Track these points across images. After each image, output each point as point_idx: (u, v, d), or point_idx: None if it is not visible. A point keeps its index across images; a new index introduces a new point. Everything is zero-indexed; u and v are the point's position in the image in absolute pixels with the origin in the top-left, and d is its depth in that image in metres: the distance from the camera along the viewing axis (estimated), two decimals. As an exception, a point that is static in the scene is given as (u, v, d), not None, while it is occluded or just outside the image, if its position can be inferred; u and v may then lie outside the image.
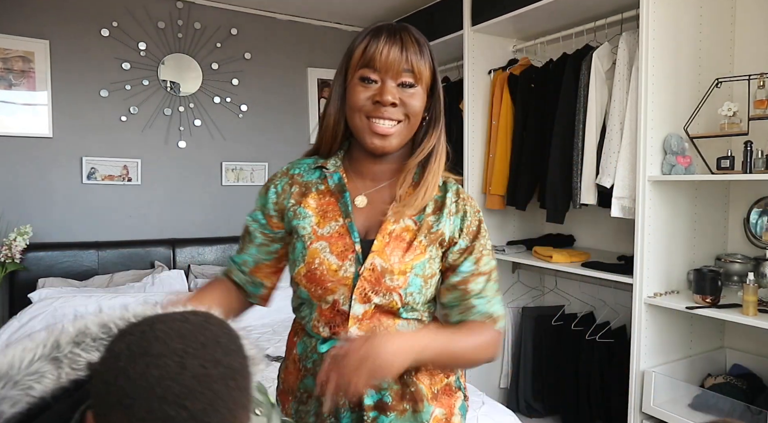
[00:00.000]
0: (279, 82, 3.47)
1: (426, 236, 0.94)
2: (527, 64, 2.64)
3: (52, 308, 2.37)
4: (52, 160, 2.88)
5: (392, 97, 0.89)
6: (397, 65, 0.89)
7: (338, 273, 0.91)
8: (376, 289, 0.91)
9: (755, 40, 2.06)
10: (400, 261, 0.91)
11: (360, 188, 0.99)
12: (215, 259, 3.22)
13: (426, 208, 0.97)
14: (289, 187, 1.01)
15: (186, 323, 0.51)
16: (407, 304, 0.92)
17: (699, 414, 1.85)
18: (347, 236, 0.93)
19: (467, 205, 0.99)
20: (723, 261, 2.06)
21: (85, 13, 2.91)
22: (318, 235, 0.94)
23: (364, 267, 0.91)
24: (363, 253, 0.92)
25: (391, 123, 0.91)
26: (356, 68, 0.92)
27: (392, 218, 0.94)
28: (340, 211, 0.95)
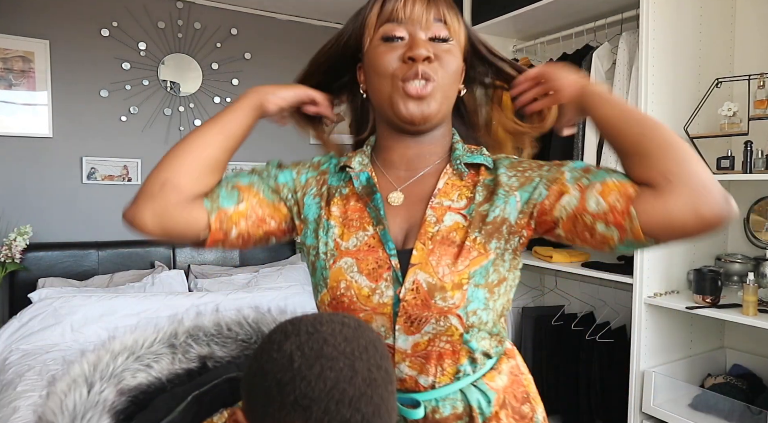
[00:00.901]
0: (279, 82, 3.44)
1: (481, 230, 0.73)
2: (527, 64, 2.63)
3: (52, 308, 2.38)
4: (52, 160, 2.88)
5: (426, 50, 0.73)
6: (427, 14, 0.75)
7: (372, 299, 0.71)
8: (425, 316, 0.70)
9: (755, 40, 2.06)
10: (452, 271, 0.70)
11: (394, 183, 0.81)
12: (215, 259, 3.22)
13: (476, 195, 0.77)
14: (316, 183, 0.83)
15: (345, 326, 0.53)
16: (472, 327, 0.71)
17: (699, 414, 1.85)
18: (380, 248, 0.73)
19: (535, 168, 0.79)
20: (723, 261, 2.06)
21: (85, 13, 2.91)
22: (342, 249, 0.75)
23: (405, 288, 0.70)
24: (402, 268, 0.72)
25: (428, 82, 0.74)
26: (375, 28, 0.78)
27: (433, 216, 0.75)
28: (369, 217, 0.76)
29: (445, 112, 0.79)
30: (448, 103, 0.79)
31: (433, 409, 0.73)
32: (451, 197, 0.77)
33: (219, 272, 3.07)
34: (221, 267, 3.18)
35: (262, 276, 3.01)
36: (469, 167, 0.80)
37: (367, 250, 0.74)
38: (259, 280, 2.95)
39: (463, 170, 0.79)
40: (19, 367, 2.08)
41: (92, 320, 2.38)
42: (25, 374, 2.00)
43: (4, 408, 1.80)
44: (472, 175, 0.80)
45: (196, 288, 2.89)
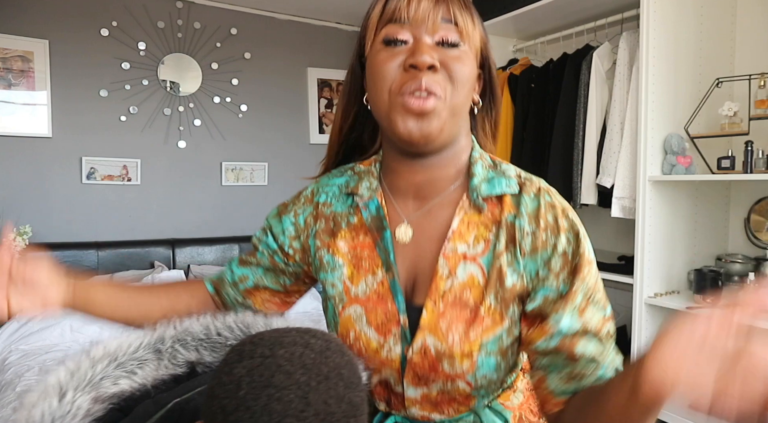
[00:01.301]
0: (279, 81, 3.47)
1: (497, 296, 0.66)
2: (527, 63, 2.63)
3: (52, 308, 2.37)
4: (52, 160, 2.87)
5: (430, 57, 0.62)
6: (434, 14, 0.64)
7: (380, 352, 0.68)
8: (431, 376, 0.67)
9: (756, 40, 2.06)
10: (463, 339, 0.65)
11: (401, 213, 0.72)
12: (215, 259, 3.22)
13: (496, 241, 0.67)
14: (313, 220, 0.77)
15: (308, 349, 0.48)
16: (481, 386, 0.68)
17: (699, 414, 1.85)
18: (389, 299, 0.68)
19: (555, 233, 0.65)
20: (723, 261, 2.05)
21: (85, 13, 2.91)
22: (351, 296, 0.71)
23: (413, 349, 0.66)
24: (411, 325, 0.67)
25: (430, 96, 0.62)
26: (377, 29, 0.66)
27: (446, 267, 0.67)
28: (379, 259, 0.70)
29: (453, 131, 0.67)
30: (458, 120, 0.67)
31: None
32: (466, 240, 0.68)
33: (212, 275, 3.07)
34: (221, 267, 3.17)
35: (262, 276, 3.01)
36: (488, 200, 0.69)
37: (377, 299, 0.69)
38: (258, 280, 2.94)
39: (481, 205, 0.68)
40: (18, 368, 2.08)
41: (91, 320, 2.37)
42: (24, 375, 2.00)
43: (4, 408, 1.80)
44: (493, 207, 0.69)
45: (196, 288, 2.89)
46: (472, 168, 0.70)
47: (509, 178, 0.69)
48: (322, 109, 3.59)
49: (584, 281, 0.64)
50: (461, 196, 0.70)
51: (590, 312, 0.63)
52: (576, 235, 0.65)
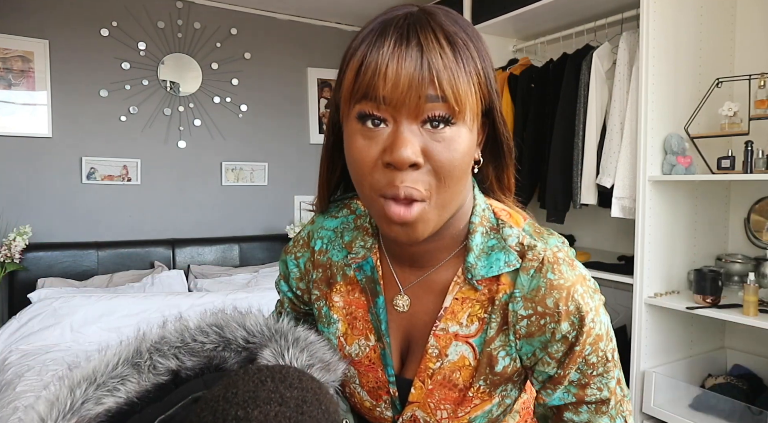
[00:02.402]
0: (279, 82, 3.46)
1: (487, 379, 0.64)
2: (527, 63, 2.63)
3: (52, 308, 2.37)
4: (52, 160, 2.87)
5: (412, 153, 0.53)
6: (417, 90, 0.52)
7: (373, 412, 0.71)
8: None
9: (756, 40, 2.06)
10: (451, 416, 0.65)
11: (398, 281, 0.68)
12: (215, 259, 3.22)
13: (490, 322, 0.63)
14: (311, 266, 0.74)
15: (283, 407, 0.46)
16: None
17: (699, 414, 1.85)
18: (380, 368, 0.68)
19: (554, 318, 0.60)
20: (723, 261, 2.06)
21: (85, 13, 2.91)
22: (345, 354, 0.70)
23: (403, 419, 0.68)
24: (401, 395, 0.68)
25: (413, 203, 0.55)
26: (351, 100, 0.55)
27: (436, 348, 0.65)
28: (371, 325, 0.68)
29: (442, 220, 0.59)
30: (454, 205, 0.59)
31: None
32: (459, 319, 0.64)
33: (219, 272, 3.07)
34: (221, 267, 3.17)
35: (262, 276, 3.01)
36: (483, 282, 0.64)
37: (368, 364, 0.69)
38: (259, 280, 2.94)
39: (476, 287, 0.64)
40: (18, 368, 2.07)
41: (92, 320, 2.38)
42: (24, 374, 2.00)
43: (4, 408, 1.80)
44: (489, 283, 0.64)
45: (196, 288, 2.89)
46: (470, 239, 0.64)
47: (509, 251, 0.63)
48: (322, 109, 3.59)
49: (583, 362, 0.62)
50: (458, 269, 0.65)
51: (591, 388, 0.63)
52: (581, 320, 0.60)
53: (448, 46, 0.53)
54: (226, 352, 0.62)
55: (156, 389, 0.59)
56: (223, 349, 0.63)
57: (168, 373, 0.61)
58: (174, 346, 0.62)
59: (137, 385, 0.59)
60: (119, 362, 0.59)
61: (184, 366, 0.62)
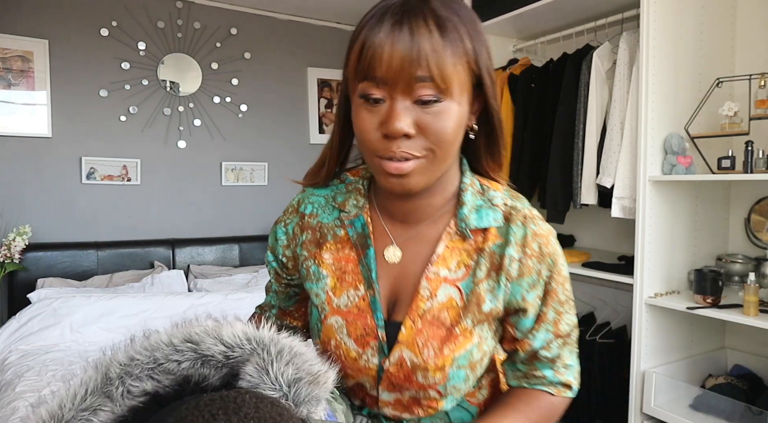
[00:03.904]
0: (279, 82, 3.46)
1: (473, 318, 0.71)
2: (527, 63, 2.63)
3: (52, 308, 2.37)
4: (52, 160, 2.87)
5: (405, 125, 0.61)
6: (408, 72, 0.60)
7: (358, 362, 0.73)
8: (406, 386, 0.72)
9: (756, 40, 2.05)
10: (437, 355, 0.70)
11: (390, 234, 0.75)
12: (215, 259, 3.21)
13: (477, 267, 0.72)
14: (300, 231, 0.79)
15: None
16: (449, 394, 0.73)
17: (700, 414, 1.85)
18: (368, 315, 0.72)
19: (540, 260, 0.72)
20: (724, 261, 2.05)
21: (85, 13, 2.91)
22: (334, 307, 0.74)
23: (390, 361, 0.71)
24: (389, 339, 0.72)
25: (408, 160, 0.64)
26: (355, 80, 0.65)
27: (427, 289, 0.71)
28: (361, 276, 0.74)
29: (438, 175, 0.68)
30: (446, 164, 0.68)
31: None
32: (449, 265, 0.72)
33: (219, 272, 3.07)
34: (221, 267, 3.17)
35: (262, 276, 3.01)
36: (475, 231, 0.73)
37: (357, 313, 0.73)
38: (258, 280, 2.94)
39: (467, 235, 0.72)
40: (18, 368, 2.07)
41: (92, 320, 2.38)
42: (24, 375, 2.00)
43: (4, 408, 1.79)
44: (477, 236, 0.73)
45: (196, 288, 2.89)
46: (462, 195, 0.73)
47: (496, 209, 0.73)
48: (322, 109, 3.59)
49: (559, 299, 0.74)
50: (448, 222, 0.73)
51: (562, 323, 0.75)
52: (554, 262, 0.73)
53: (437, 31, 0.60)
54: (205, 369, 0.58)
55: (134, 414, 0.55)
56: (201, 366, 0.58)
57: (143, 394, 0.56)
58: (146, 367, 0.57)
59: (111, 413, 0.54)
60: (88, 393, 0.54)
61: (161, 384, 0.57)
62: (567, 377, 0.78)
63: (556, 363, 0.77)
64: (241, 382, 0.54)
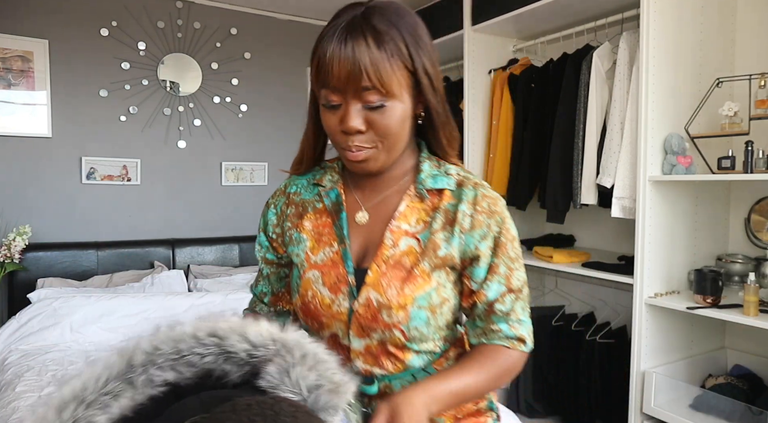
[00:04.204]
0: (279, 82, 3.46)
1: (430, 261, 0.82)
2: (527, 63, 2.63)
3: (52, 308, 2.37)
4: (52, 160, 2.87)
5: (356, 123, 0.76)
6: (354, 82, 0.73)
7: (331, 308, 0.83)
8: (373, 326, 0.81)
9: (756, 40, 2.05)
10: (399, 294, 0.80)
11: (360, 202, 0.88)
12: (215, 259, 3.21)
13: (433, 221, 0.84)
14: (286, 207, 0.93)
15: None
16: (414, 338, 0.82)
17: (700, 414, 1.85)
18: (341, 265, 0.84)
19: (489, 216, 0.84)
20: (724, 261, 2.05)
21: (85, 13, 2.91)
22: (311, 263, 0.86)
23: (358, 302, 0.81)
24: (358, 284, 0.82)
25: (362, 150, 0.79)
26: (317, 88, 0.80)
27: (391, 239, 0.84)
28: (335, 235, 0.86)
29: (394, 156, 0.83)
30: (397, 149, 0.82)
31: (386, 386, 0.85)
32: (409, 221, 0.85)
33: (219, 272, 3.07)
34: (221, 267, 3.17)
35: (262, 276, 3.01)
36: (431, 192, 0.86)
37: (331, 265, 0.84)
38: (258, 281, 2.94)
39: (424, 195, 0.86)
40: (18, 368, 2.07)
41: (92, 320, 2.38)
42: (24, 375, 2.00)
43: (3, 408, 1.79)
44: (433, 197, 0.86)
45: (196, 288, 2.89)
46: (420, 165, 0.88)
47: (449, 176, 0.87)
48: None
49: (508, 255, 0.86)
50: (408, 187, 0.87)
51: (513, 278, 0.86)
52: (503, 220, 0.86)
53: (375, 45, 0.73)
54: (227, 365, 0.58)
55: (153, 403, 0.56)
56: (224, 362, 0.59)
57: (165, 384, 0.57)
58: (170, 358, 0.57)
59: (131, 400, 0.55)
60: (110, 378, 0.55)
61: (183, 376, 0.58)
62: (521, 332, 0.86)
63: (510, 317, 0.86)
64: (260, 382, 0.54)
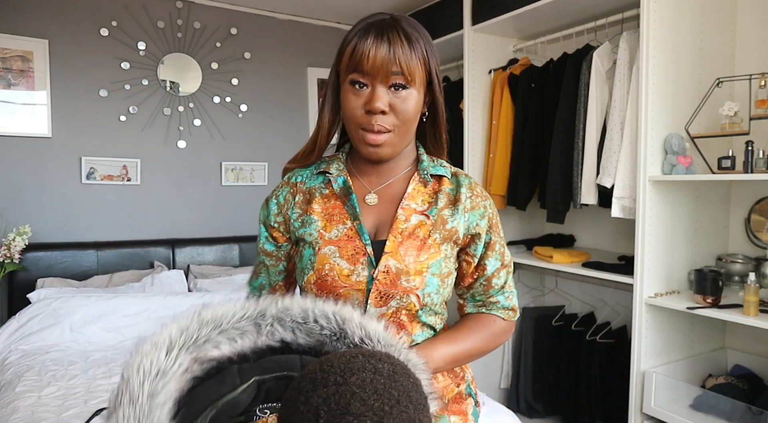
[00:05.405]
0: (279, 81, 3.46)
1: (440, 233, 0.93)
2: (527, 63, 2.63)
3: (51, 308, 2.37)
4: (51, 160, 2.87)
5: (382, 105, 0.86)
6: (386, 67, 0.85)
7: (351, 278, 0.89)
8: (392, 292, 0.88)
9: (756, 40, 2.05)
10: (416, 261, 0.89)
11: (368, 187, 0.98)
12: (215, 259, 3.21)
13: (437, 201, 0.95)
14: (291, 196, 0.99)
15: (377, 375, 0.51)
16: (425, 305, 0.91)
17: (700, 414, 1.85)
18: (357, 238, 0.91)
19: (484, 199, 0.98)
20: (724, 261, 2.05)
21: (85, 13, 2.91)
22: (326, 239, 0.92)
23: (378, 270, 0.88)
24: (375, 255, 0.90)
25: (382, 133, 0.88)
26: (346, 72, 0.89)
27: (403, 215, 0.93)
28: (347, 214, 0.93)
29: (403, 146, 0.94)
30: (407, 139, 0.93)
31: None
32: (416, 201, 0.95)
33: (219, 272, 3.07)
34: (221, 267, 3.17)
35: (262, 276, 3.01)
36: (433, 177, 0.98)
37: (347, 239, 0.91)
38: (258, 281, 2.94)
39: (428, 179, 0.97)
40: (18, 368, 2.07)
41: (91, 320, 2.38)
42: (24, 375, 2.00)
43: (4, 408, 1.79)
44: (434, 184, 0.98)
45: (196, 288, 2.89)
46: (421, 158, 1.00)
47: (445, 167, 1.00)
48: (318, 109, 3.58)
49: (500, 234, 1.00)
50: (412, 174, 0.98)
51: (505, 255, 1.00)
52: (492, 203, 1.00)
53: (406, 41, 0.87)
54: (339, 344, 0.66)
55: (268, 351, 0.65)
56: (337, 340, 0.67)
57: (281, 341, 0.66)
58: (295, 320, 0.67)
59: (253, 343, 0.65)
60: (244, 316, 0.65)
61: (296, 341, 0.67)
62: (513, 302, 1.01)
63: (505, 289, 1.00)
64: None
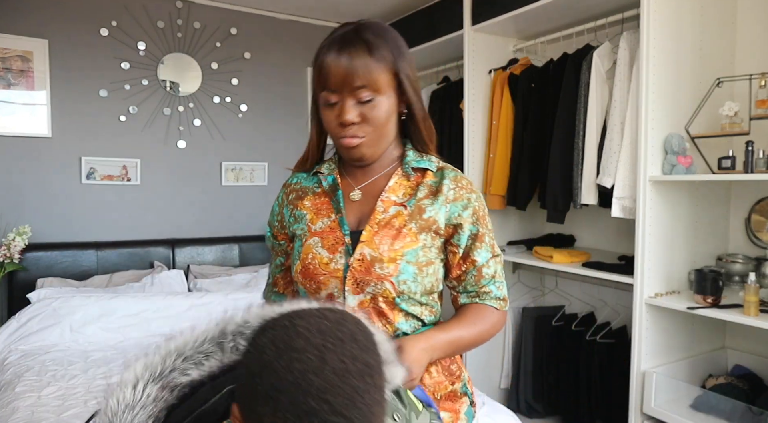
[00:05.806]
0: (279, 81, 3.46)
1: (417, 223, 0.96)
2: (527, 63, 2.63)
3: (51, 309, 2.37)
4: (51, 160, 2.87)
5: (352, 117, 0.91)
6: (350, 83, 0.89)
7: (329, 266, 0.94)
8: (366, 279, 0.92)
9: (756, 40, 2.05)
10: (390, 249, 0.93)
11: (354, 184, 1.03)
12: (215, 259, 3.21)
13: (417, 192, 0.98)
14: (286, 196, 1.08)
15: (324, 320, 0.55)
16: (402, 293, 0.93)
17: (700, 415, 1.85)
18: (338, 230, 0.97)
19: (469, 192, 1.00)
20: (724, 261, 2.05)
21: (85, 13, 2.91)
22: (312, 231, 0.99)
23: (354, 257, 0.93)
24: (353, 244, 0.95)
25: (357, 137, 0.93)
26: (318, 89, 0.95)
27: (382, 207, 0.97)
28: (332, 208, 1.00)
29: (382, 147, 0.98)
30: (386, 139, 0.97)
31: None
32: (397, 193, 0.99)
33: (219, 272, 3.07)
34: (221, 267, 3.17)
35: (262, 276, 3.01)
36: (416, 170, 1.01)
37: (329, 231, 0.97)
38: (258, 280, 2.94)
39: (410, 173, 1.01)
40: (17, 368, 2.07)
41: (91, 320, 2.38)
42: (24, 375, 2.00)
43: (3, 408, 1.79)
44: (418, 177, 1.01)
45: (196, 288, 2.88)
46: (406, 153, 1.03)
47: (432, 162, 1.03)
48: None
49: (488, 226, 1.01)
50: (396, 170, 1.02)
51: (495, 246, 1.02)
52: (479, 196, 1.02)
53: (367, 51, 0.90)
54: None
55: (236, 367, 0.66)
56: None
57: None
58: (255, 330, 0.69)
59: (219, 362, 0.67)
60: (206, 340, 0.67)
61: None
62: (504, 292, 1.02)
63: (496, 278, 1.01)
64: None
